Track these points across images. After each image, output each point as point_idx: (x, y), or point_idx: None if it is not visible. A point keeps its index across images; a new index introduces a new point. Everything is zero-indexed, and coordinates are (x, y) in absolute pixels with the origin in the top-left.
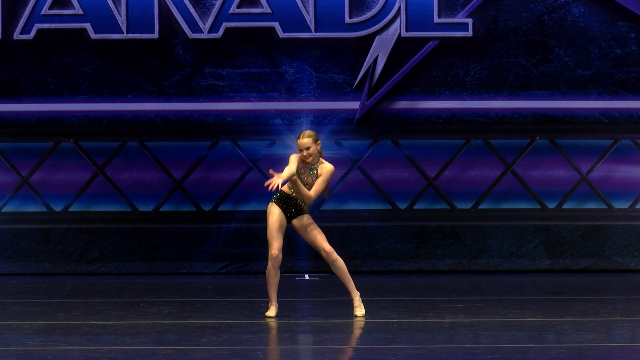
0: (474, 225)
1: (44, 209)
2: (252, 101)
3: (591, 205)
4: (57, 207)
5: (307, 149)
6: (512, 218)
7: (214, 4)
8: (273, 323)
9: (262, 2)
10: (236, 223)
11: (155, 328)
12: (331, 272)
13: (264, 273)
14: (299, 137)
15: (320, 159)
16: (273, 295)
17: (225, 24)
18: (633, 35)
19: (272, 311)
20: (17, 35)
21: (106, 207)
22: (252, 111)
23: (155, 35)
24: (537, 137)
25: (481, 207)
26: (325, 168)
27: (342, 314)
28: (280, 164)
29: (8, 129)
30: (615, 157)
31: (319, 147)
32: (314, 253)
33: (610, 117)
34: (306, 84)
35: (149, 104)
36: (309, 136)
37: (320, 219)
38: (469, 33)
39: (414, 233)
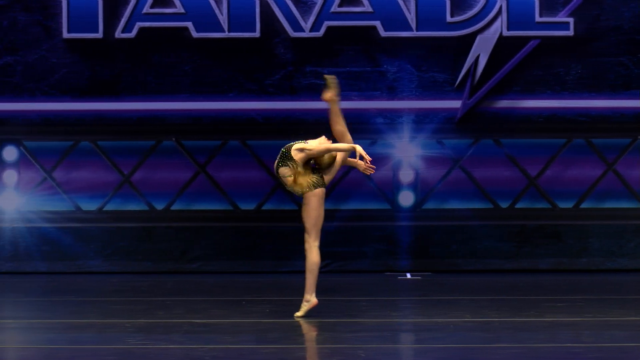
0: (575, 224)
1: (145, 208)
2: (353, 100)
3: None
4: (159, 206)
5: None
6: (613, 217)
7: (316, 3)
8: (372, 323)
9: (363, 1)
10: (337, 221)
11: (257, 326)
12: (433, 271)
13: (365, 272)
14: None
15: None
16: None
17: (326, 23)
18: None
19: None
20: (118, 34)
21: (207, 206)
22: (353, 110)
23: (257, 34)
24: (639, 137)
25: (582, 206)
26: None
27: (443, 313)
28: (381, 162)
29: (110, 128)
30: None
31: None
32: (416, 252)
33: None
34: (407, 82)
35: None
36: None
37: (421, 218)
38: (570, 32)
39: (515, 232)
